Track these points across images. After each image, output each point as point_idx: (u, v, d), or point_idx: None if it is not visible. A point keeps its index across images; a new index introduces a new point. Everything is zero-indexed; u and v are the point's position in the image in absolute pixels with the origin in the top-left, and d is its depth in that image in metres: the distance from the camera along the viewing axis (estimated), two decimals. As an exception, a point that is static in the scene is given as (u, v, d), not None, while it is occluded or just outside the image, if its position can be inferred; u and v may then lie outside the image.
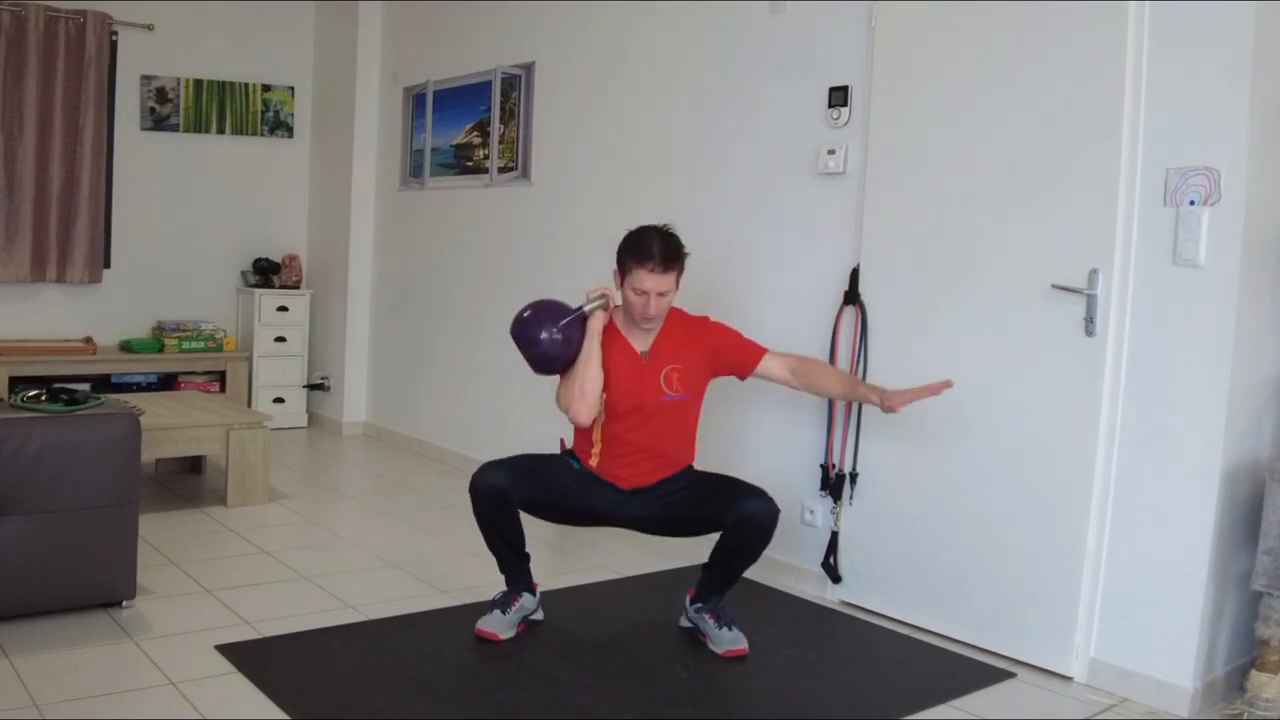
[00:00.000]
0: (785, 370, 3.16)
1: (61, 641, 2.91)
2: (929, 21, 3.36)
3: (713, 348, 3.16)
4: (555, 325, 3.04)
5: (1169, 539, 2.85)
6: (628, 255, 3.03)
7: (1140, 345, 2.91)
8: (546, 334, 3.04)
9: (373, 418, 6.27)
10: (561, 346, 3.05)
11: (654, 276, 2.98)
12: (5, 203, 5.55)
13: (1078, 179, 2.99)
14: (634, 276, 3.00)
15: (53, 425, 2.99)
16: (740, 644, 3.06)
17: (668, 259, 3.00)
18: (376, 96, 6.21)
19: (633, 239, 3.06)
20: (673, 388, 3.09)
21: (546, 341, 3.04)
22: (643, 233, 3.06)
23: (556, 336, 3.04)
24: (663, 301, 3.03)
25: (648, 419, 3.08)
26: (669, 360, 3.10)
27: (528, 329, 3.07)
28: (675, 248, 3.04)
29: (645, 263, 2.98)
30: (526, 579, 3.19)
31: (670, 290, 3.04)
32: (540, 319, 3.07)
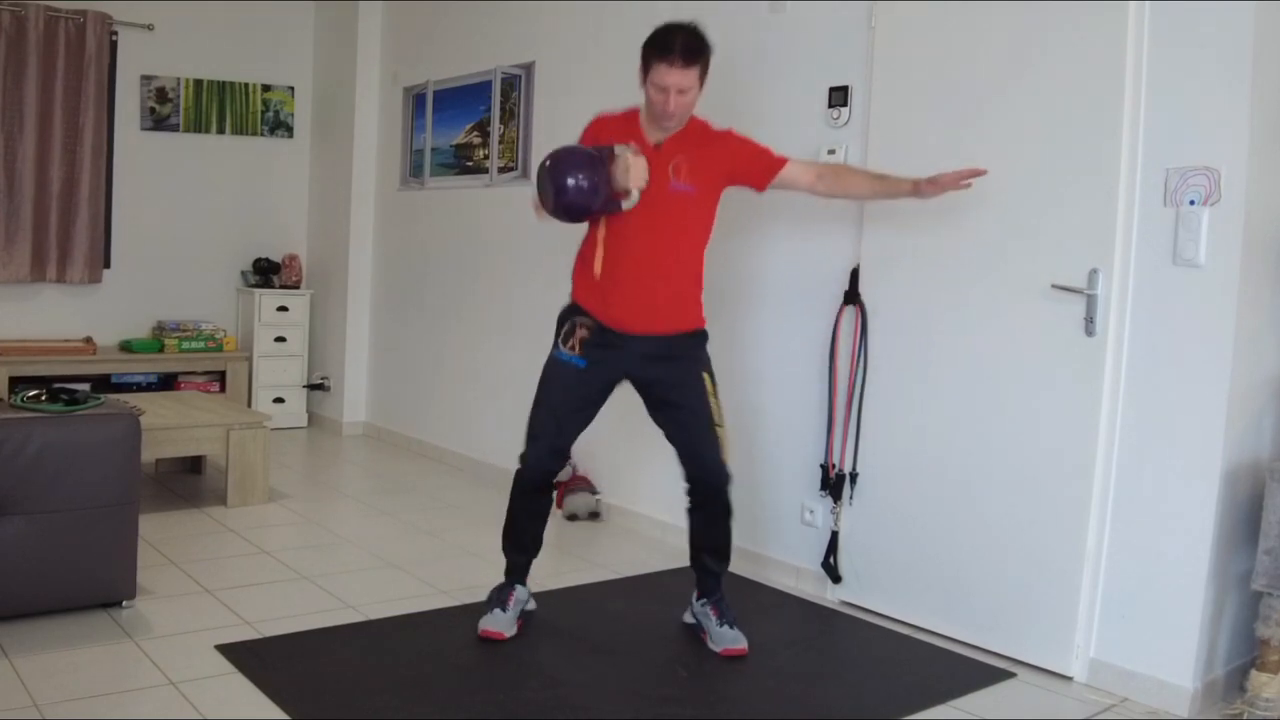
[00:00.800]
0: (810, 176, 3.09)
1: (61, 641, 2.91)
2: (929, 21, 3.36)
3: (730, 153, 3.06)
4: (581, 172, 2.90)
5: (1169, 539, 2.85)
6: (650, 49, 2.93)
7: (1140, 345, 2.91)
8: (573, 180, 2.89)
9: (373, 418, 6.27)
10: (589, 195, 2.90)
11: (675, 71, 2.87)
12: (5, 203, 5.55)
13: (1078, 179, 2.99)
14: (655, 71, 2.91)
15: (53, 425, 2.99)
16: (739, 643, 3.06)
17: (689, 53, 2.88)
18: (376, 96, 6.21)
19: (657, 33, 2.95)
20: (680, 177, 3.00)
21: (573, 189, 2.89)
22: (668, 28, 2.95)
23: (584, 184, 2.89)
24: (683, 100, 2.93)
25: (652, 211, 2.98)
26: (677, 153, 3.02)
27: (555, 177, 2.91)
28: (699, 43, 2.92)
29: (666, 56, 2.87)
30: (524, 572, 3.21)
31: (692, 88, 2.93)
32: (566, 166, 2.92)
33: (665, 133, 3.03)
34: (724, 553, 3.17)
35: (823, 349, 3.68)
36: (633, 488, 4.46)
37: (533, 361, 3.45)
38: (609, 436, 3.64)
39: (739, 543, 3.94)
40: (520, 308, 5.11)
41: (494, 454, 5.24)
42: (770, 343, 3.90)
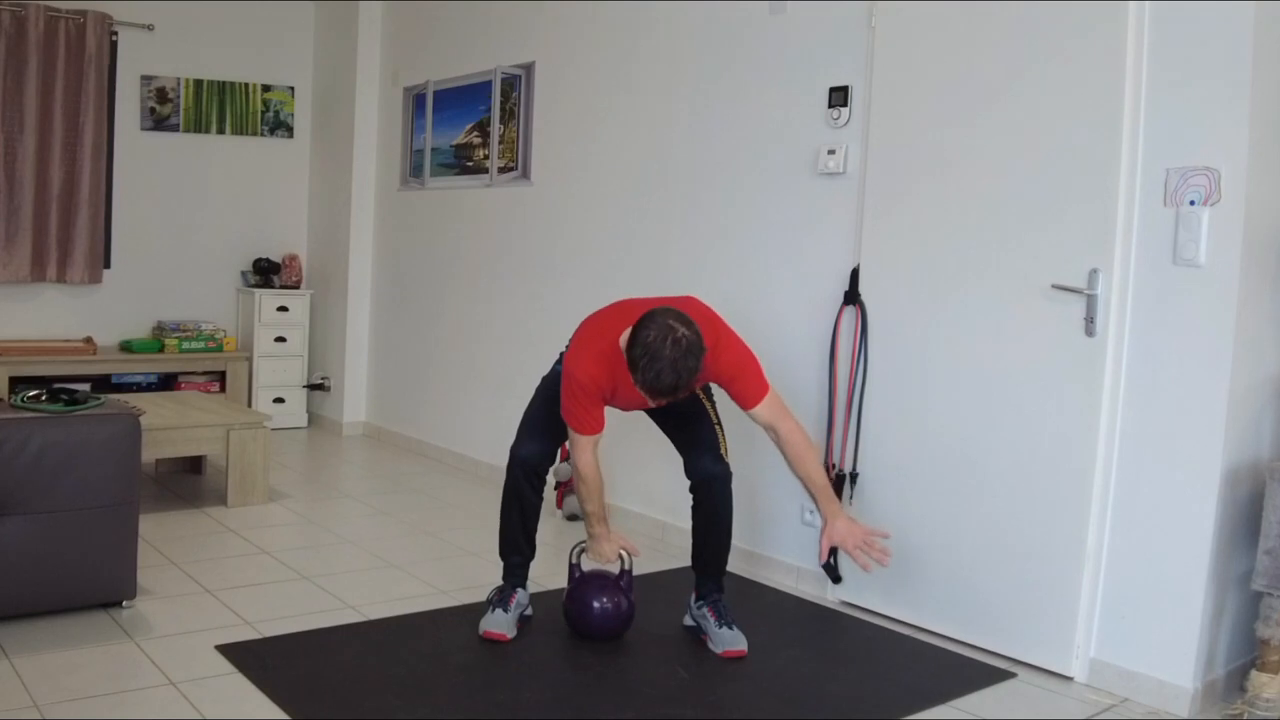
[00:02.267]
0: (769, 431, 3.00)
1: (61, 641, 2.91)
2: (929, 21, 3.36)
3: (724, 384, 3.00)
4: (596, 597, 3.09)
5: (1169, 539, 2.85)
6: (635, 368, 2.71)
7: (1140, 345, 2.91)
8: (598, 604, 3.08)
9: (373, 418, 6.27)
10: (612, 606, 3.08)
11: (657, 401, 2.79)
12: (5, 203, 5.56)
13: (1078, 178, 2.99)
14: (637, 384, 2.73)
15: (53, 425, 2.99)
16: (739, 644, 3.06)
17: (672, 395, 2.74)
18: (376, 96, 6.21)
19: (639, 360, 2.68)
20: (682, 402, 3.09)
21: (600, 613, 3.08)
22: (652, 357, 2.66)
23: (608, 606, 3.08)
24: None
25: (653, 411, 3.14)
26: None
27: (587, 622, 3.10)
28: (683, 383, 2.69)
29: (648, 391, 2.73)
30: (524, 574, 3.21)
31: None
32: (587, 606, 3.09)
33: None
34: (724, 554, 3.18)
35: (823, 349, 3.68)
36: (633, 488, 4.46)
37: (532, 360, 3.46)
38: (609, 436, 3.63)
39: (739, 543, 3.95)
40: (520, 308, 5.11)
41: (494, 454, 5.24)
42: (770, 343, 3.89)
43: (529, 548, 3.22)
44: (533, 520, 3.19)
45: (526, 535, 3.19)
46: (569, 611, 3.12)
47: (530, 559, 3.23)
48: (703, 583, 3.20)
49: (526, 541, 3.20)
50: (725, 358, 2.96)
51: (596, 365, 2.92)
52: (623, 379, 2.89)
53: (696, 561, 3.20)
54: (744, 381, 2.98)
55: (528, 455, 3.12)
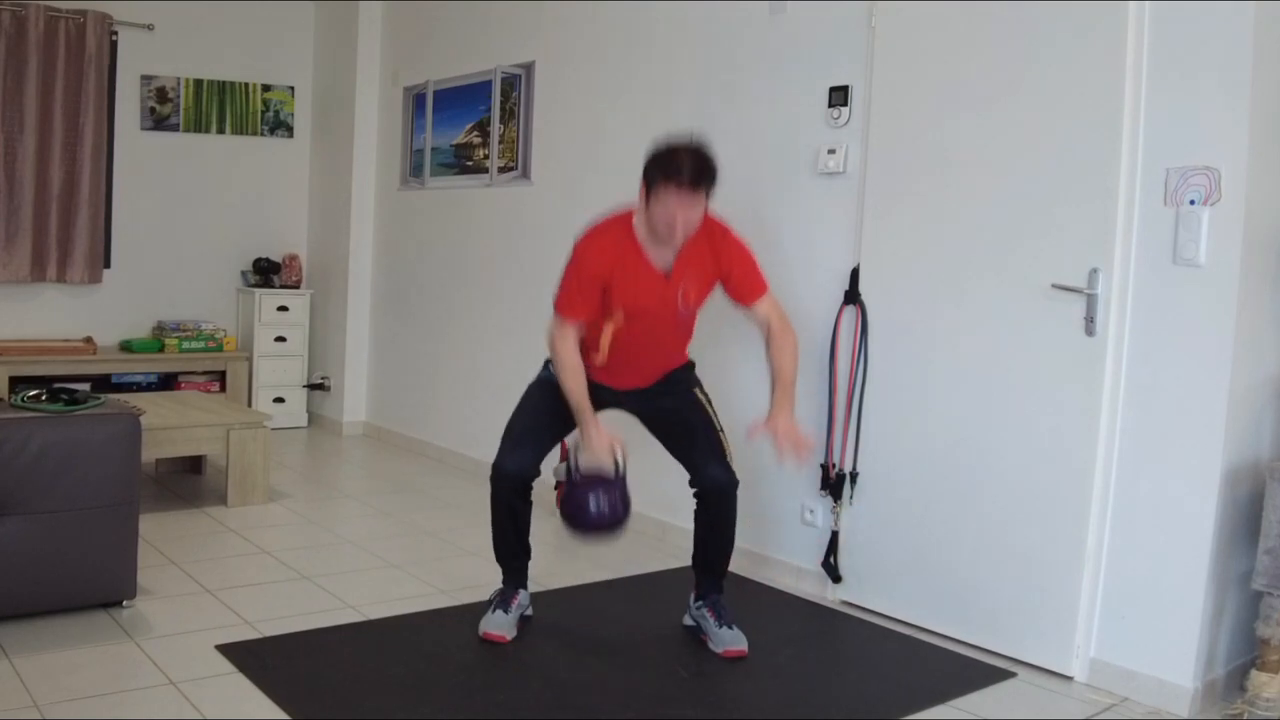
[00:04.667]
0: (764, 326, 3.08)
1: (61, 641, 2.91)
2: (929, 21, 3.36)
3: (725, 271, 3.04)
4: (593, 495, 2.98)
5: (1169, 539, 2.85)
6: (655, 169, 2.82)
7: (1140, 345, 2.91)
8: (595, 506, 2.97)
9: (373, 418, 6.27)
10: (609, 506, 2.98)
11: (684, 195, 2.79)
12: (5, 203, 5.55)
13: (1078, 178, 2.99)
14: (661, 195, 2.80)
15: (53, 425, 2.99)
16: (739, 644, 3.06)
17: (698, 177, 2.79)
18: (376, 96, 6.21)
19: (663, 154, 2.83)
20: (688, 305, 3.05)
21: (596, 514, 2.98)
22: (672, 149, 2.83)
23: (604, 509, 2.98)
24: (690, 223, 2.85)
25: (658, 331, 3.07)
26: (687, 277, 3.01)
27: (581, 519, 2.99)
28: (707, 164, 2.82)
29: (674, 179, 2.77)
30: (523, 576, 3.21)
31: (700, 206, 2.85)
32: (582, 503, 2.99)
33: (668, 249, 2.98)
34: (726, 557, 3.18)
35: (823, 349, 3.68)
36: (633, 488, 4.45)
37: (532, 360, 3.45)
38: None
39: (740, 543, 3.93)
40: (520, 307, 5.11)
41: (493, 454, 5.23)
42: (770, 343, 3.89)
43: (524, 552, 3.20)
44: (525, 527, 3.16)
45: (520, 541, 3.17)
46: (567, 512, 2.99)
47: (528, 560, 3.22)
48: (703, 583, 3.20)
49: (521, 547, 3.18)
50: (734, 241, 3.07)
51: (604, 239, 2.99)
52: (629, 263, 2.95)
53: (698, 563, 3.20)
54: (751, 271, 3.07)
55: (513, 469, 3.03)
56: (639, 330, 3.05)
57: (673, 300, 3.02)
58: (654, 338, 3.09)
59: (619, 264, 2.96)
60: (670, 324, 3.08)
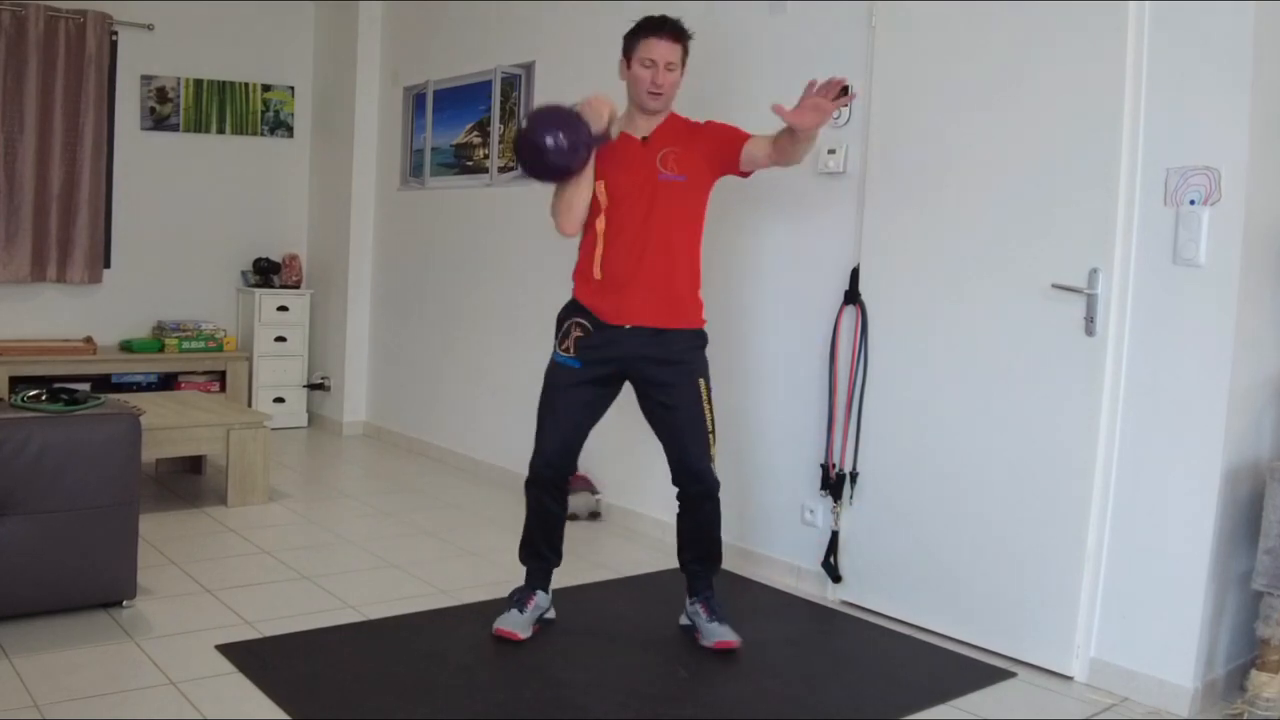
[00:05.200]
0: (768, 147, 3.03)
1: (61, 641, 2.91)
2: (929, 21, 3.36)
3: (709, 137, 3.10)
4: (562, 132, 2.93)
5: (1169, 539, 2.85)
6: (635, 30, 3.08)
7: (1140, 345, 2.91)
8: (553, 140, 2.93)
9: (373, 418, 6.27)
10: (568, 155, 2.95)
11: (663, 44, 3.02)
12: (5, 203, 5.55)
13: (1078, 178, 2.99)
14: (643, 47, 3.04)
15: (53, 425, 2.99)
16: (729, 636, 3.06)
17: (677, 30, 3.06)
18: (376, 96, 6.21)
19: (641, 21, 3.11)
20: (668, 167, 3.04)
21: (553, 149, 2.93)
22: (649, 16, 3.11)
23: (563, 144, 2.94)
24: (670, 76, 3.05)
25: (644, 205, 3.02)
26: (665, 145, 3.07)
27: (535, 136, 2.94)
28: (683, 25, 3.10)
29: (655, 31, 3.03)
30: (546, 580, 3.21)
31: (677, 65, 3.07)
32: (548, 124, 2.96)
33: (650, 122, 3.09)
34: (712, 555, 3.17)
35: (823, 349, 3.68)
36: (633, 488, 4.46)
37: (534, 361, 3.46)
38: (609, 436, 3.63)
39: (740, 543, 3.95)
40: (521, 307, 5.11)
41: (495, 454, 5.24)
42: (770, 342, 3.90)
43: (553, 555, 3.20)
44: (555, 528, 3.17)
45: (549, 542, 3.18)
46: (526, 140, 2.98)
47: (554, 565, 3.21)
48: (694, 583, 3.19)
49: (550, 549, 3.19)
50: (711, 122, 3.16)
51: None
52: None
53: (683, 562, 3.19)
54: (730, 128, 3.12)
55: (544, 464, 3.09)
56: (627, 213, 3.02)
57: (652, 163, 3.03)
58: (646, 234, 3.01)
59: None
60: (655, 201, 3.02)
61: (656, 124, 3.11)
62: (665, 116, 3.13)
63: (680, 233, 3.08)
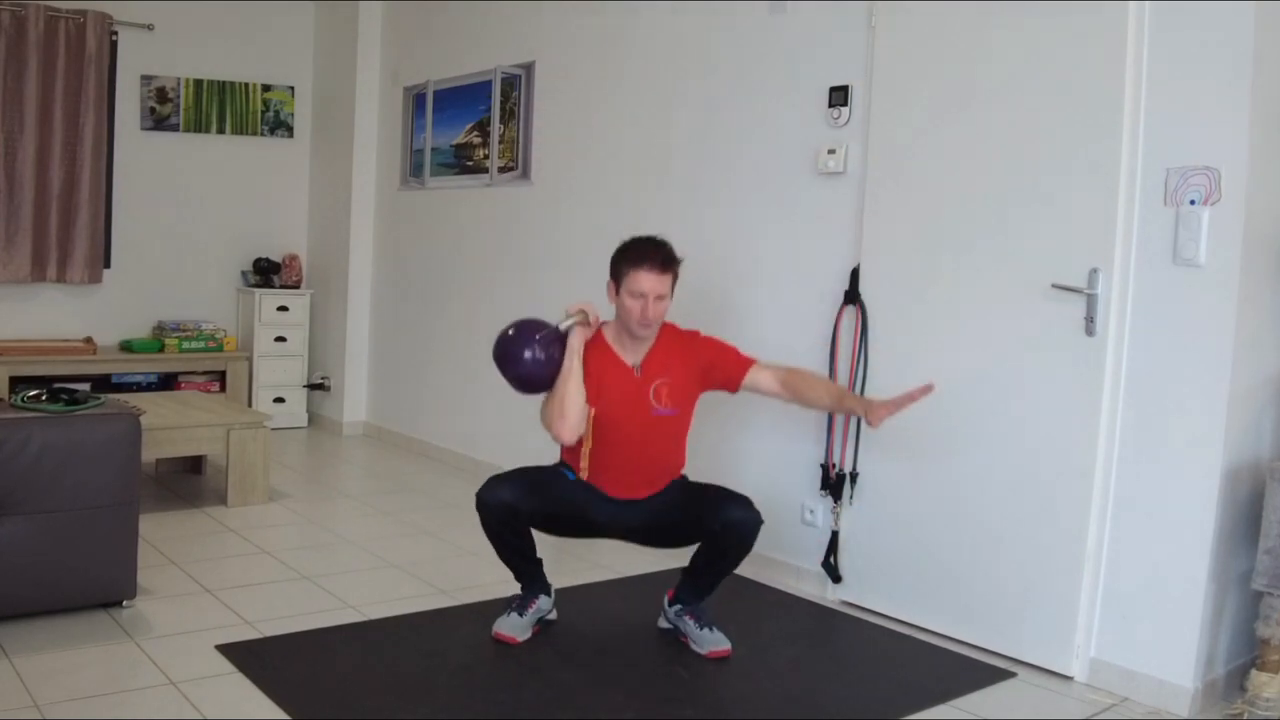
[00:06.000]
0: (774, 382, 3.09)
1: (61, 641, 2.91)
2: (929, 21, 3.36)
3: (703, 363, 3.10)
4: (536, 343, 2.98)
5: (1169, 539, 2.85)
6: (624, 260, 3.02)
7: (1140, 345, 2.91)
8: (530, 353, 2.98)
9: (373, 418, 6.27)
10: (544, 366, 2.99)
11: (652, 277, 2.96)
12: (5, 203, 5.56)
13: (1078, 178, 2.99)
14: (631, 279, 2.97)
15: (53, 425, 2.99)
16: (723, 645, 3.05)
17: (665, 261, 3.00)
18: (376, 96, 6.21)
19: (627, 245, 3.06)
20: (662, 403, 3.04)
21: (529, 361, 2.99)
22: (636, 240, 3.06)
23: (539, 356, 2.98)
24: (660, 306, 2.99)
25: (636, 433, 3.04)
26: (659, 375, 3.05)
27: (509, 348, 3.00)
28: (671, 252, 3.04)
29: (643, 263, 2.97)
30: (541, 581, 3.20)
31: (667, 295, 3.01)
32: (521, 338, 3.01)
33: (639, 346, 3.06)
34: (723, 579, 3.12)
35: (823, 349, 3.68)
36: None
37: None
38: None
39: (739, 543, 3.95)
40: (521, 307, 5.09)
41: (494, 454, 5.24)
42: (770, 342, 3.89)
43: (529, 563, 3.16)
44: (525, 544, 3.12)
45: (521, 555, 3.13)
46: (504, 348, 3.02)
47: (539, 566, 3.19)
48: (685, 590, 3.15)
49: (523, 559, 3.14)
50: (706, 337, 3.17)
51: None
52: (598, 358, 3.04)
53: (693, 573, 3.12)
54: (732, 352, 3.13)
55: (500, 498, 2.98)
56: (618, 439, 3.03)
57: (645, 398, 3.02)
58: (633, 449, 3.04)
59: (595, 355, 3.04)
60: (647, 430, 3.04)
61: (647, 348, 3.08)
62: (656, 337, 3.09)
63: (669, 448, 3.12)
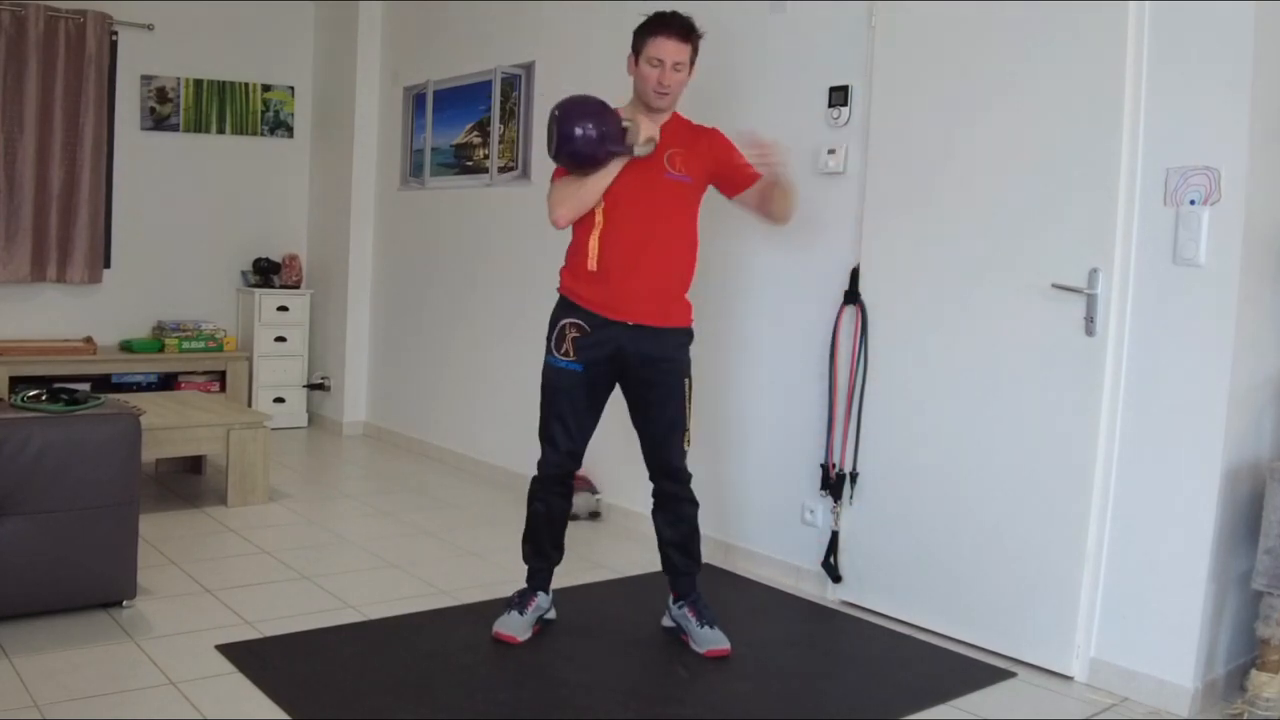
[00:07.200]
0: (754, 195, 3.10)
1: (61, 641, 2.91)
2: (929, 21, 3.36)
3: (717, 152, 3.12)
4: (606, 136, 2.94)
5: (1169, 539, 2.85)
6: (645, 28, 3.03)
7: (1140, 345, 2.91)
8: (588, 131, 2.95)
9: (373, 418, 6.27)
10: (592, 159, 2.96)
11: (672, 43, 2.98)
12: (5, 203, 5.55)
13: (1078, 178, 2.99)
14: (651, 45, 2.99)
15: (53, 425, 2.99)
16: (722, 643, 3.05)
17: (686, 28, 3.02)
18: (376, 96, 6.21)
19: (651, 15, 3.06)
20: (675, 167, 3.04)
21: (582, 140, 2.95)
22: (659, 11, 3.07)
23: (596, 148, 2.95)
24: (678, 76, 3.02)
25: (649, 200, 3.01)
26: (671, 144, 3.06)
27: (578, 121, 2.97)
28: (692, 24, 3.05)
29: (664, 29, 2.99)
30: (547, 580, 3.21)
31: (685, 65, 3.02)
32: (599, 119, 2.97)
33: (655, 119, 3.07)
34: (692, 551, 3.15)
35: (823, 349, 3.68)
36: (633, 488, 4.45)
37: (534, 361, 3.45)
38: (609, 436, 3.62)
39: (740, 543, 3.96)
40: (520, 307, 5.11)
41: (494, 454, 5.24)
42: (770, 342, 3.90)
43: (556, 552, 3.20)
44: (562, 527, 3.18)
45: (554, 541, 3.18)
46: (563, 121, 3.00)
47: (556, 562, 3.21)
48: (677, 581, 3.17)
49: (554, 547, 3.19)
50: (722, 136, 3.16)
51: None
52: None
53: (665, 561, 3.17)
54: (742, 159, 3.09)
55: (552, 466, 3.11)
56: (628, 215, 3.00)
57: (659, 163, 3.01)
58: (647, 231, 3.00)
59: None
60: (659, 198, 3.01)
61: (662, 121, 3.09)
62: (669, 115, 3.12)
63: (680, 233, 3.09)
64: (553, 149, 3.03)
